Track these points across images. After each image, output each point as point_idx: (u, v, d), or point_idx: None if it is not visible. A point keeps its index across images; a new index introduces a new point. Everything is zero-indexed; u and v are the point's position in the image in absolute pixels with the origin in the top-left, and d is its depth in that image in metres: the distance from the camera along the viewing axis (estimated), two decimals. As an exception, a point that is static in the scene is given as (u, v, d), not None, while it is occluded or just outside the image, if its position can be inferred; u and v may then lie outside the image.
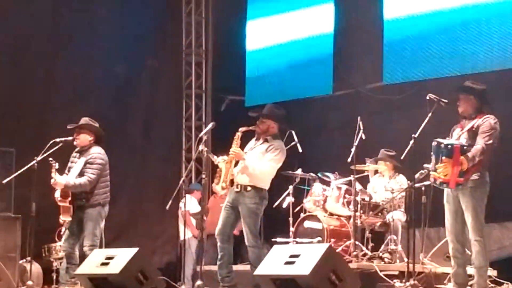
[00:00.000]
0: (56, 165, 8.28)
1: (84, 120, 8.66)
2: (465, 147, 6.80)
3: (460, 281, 7.05)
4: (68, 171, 8.57)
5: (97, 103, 11.92)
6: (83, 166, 8.44)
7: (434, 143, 6.87)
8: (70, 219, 8.45)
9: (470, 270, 7.19)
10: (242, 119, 8.53)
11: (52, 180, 8.29)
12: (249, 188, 7.92)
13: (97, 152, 8.52)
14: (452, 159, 6.73)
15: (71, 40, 12.38)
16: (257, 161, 7.93)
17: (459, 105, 7.05)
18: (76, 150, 8.67)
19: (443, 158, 6.76)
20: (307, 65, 12.32)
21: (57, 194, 8.38)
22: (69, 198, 8.37)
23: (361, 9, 11.76)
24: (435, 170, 6.85)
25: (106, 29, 12.57)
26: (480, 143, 6.84)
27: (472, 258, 6.97)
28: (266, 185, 8.02)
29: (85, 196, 8.42)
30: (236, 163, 8.03)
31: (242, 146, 8.11)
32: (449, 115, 7.20)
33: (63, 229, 8.88)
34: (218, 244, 8.03)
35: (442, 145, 6.78)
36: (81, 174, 8.42)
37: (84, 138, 8.58)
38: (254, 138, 8.22)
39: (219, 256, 8.04)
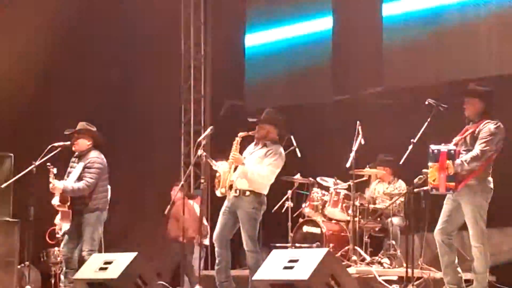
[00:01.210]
0: (54, 170, 8.28)
1: (81, 125, 8.62)
2: (452, 152, 6.78)
3: (452, 282, 7.00)
4: (67, 176, 8.55)
5: (96, 108, 11.86)
6: (81, 171, 8.43)
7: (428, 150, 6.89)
8: (69, 224, 8.44)
9: (469, 275, 7.17)
10: (241, 124, 8.51)
11: (51, 185, 8.28)
12: (247, 193, 7.90)
13: (96, 157, 8.50)
14: (437, 164, 6.74)
15: (69, 45, 12.37)
16: (256, 166, 7.92)
17: (465, 109, 7.03)
18: (75, 155, 8.65)
19: (430, 164, 6.79)
20: (306, 70, 12.31)
21: (55, 201, 8.37)
22: (68, 203, 8.37)
23: (360, 14, 11.75)
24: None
25: (104, 33, 12.55)
26: (475, 149, 6.82)
27: (472, 264, 6.95)
28: (264, 190, 8.00)
29: (83, 201, 8.41)
30: (235, 168, 8.02)
31: (241, 151, 8.09)
32: (449, 119, 7.19)
33: (56, 228, 8.85)
34: (216, 249, 8.01)
35: (430, 151, 6.81)
36: (79, 178, 8.41)
37: (82, 143, 8.57)
38: (253, 143, 8.21)
39: (216, 261, 8.02)
